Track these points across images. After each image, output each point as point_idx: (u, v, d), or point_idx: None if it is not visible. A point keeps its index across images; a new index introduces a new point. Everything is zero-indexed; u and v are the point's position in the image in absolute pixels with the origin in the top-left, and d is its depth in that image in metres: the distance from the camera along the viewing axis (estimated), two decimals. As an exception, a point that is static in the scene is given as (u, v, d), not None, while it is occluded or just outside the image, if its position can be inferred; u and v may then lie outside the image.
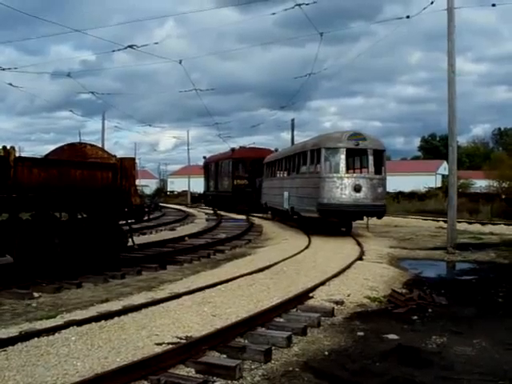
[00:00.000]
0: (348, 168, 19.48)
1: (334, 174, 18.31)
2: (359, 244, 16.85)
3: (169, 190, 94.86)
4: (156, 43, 30.48)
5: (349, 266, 12.01)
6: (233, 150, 39.65)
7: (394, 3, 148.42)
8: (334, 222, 19.74)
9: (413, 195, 47.42)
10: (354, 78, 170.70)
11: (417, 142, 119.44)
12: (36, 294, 9.48)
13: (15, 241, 10.09)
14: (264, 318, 7.35)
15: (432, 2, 16.41)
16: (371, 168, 18.32)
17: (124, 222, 13.78)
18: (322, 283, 9.94)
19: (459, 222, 24.82)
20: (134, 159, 12.88)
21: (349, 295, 9.38)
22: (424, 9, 17.04)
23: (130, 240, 13.54)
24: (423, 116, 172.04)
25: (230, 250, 16.93)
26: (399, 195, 47.99)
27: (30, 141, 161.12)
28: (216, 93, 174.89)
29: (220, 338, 6.21)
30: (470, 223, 25.46)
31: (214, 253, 15.86)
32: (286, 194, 22.92)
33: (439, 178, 77.99)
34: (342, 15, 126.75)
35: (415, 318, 8.14)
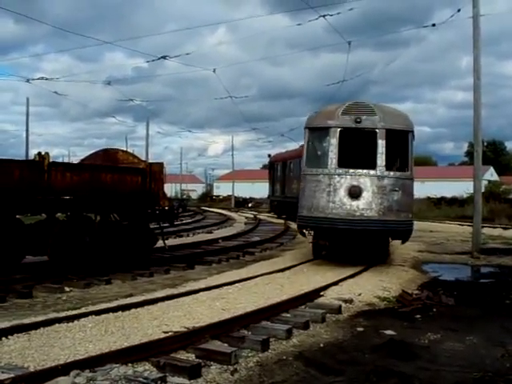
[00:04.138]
0: (344, 160, 12.27)
1: (320, 170, 12.20)
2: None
3: (214, 194, 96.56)
4: (188, 54, 31.39)
5: (367, 268, 12.33)
6: None
7: (446, 7, 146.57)
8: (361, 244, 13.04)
9: (454, 201, 46.83)
10: (404, 82, 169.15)
11: (466, 147, 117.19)
12: (67, 289, 10.23)
13: (49, 240, 10.92)
14: (270, 312, 7.83)
15: (459, 10, 16.64)
16: (381, 160, 11.90)
17: (157, 224, 14.52)
18: (335, 283, 10.34)
19: (494, 227, 24.94)
20: (162, 164, 13.59)
21: (359, 294, 9.73)
22: (451, 16, 17.30)
23: (161, 241, 14.23)
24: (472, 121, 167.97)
25: (260, 252, 17.37)
26: (442, 201, 47.57)
27: (83, 146, 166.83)
28: (264, 98, 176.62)
29: (223, 329, 6.75)
30: (505, 229, 25.29)
31: (243, 254, 16.32)
32: None
33: (484, 183, 76.50)
34: (394, 19, 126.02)
35: (418, 316, 8.46)
